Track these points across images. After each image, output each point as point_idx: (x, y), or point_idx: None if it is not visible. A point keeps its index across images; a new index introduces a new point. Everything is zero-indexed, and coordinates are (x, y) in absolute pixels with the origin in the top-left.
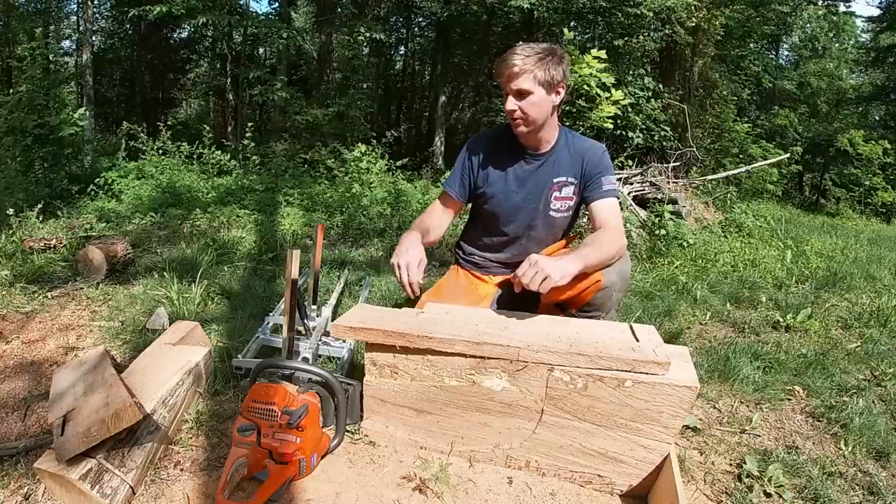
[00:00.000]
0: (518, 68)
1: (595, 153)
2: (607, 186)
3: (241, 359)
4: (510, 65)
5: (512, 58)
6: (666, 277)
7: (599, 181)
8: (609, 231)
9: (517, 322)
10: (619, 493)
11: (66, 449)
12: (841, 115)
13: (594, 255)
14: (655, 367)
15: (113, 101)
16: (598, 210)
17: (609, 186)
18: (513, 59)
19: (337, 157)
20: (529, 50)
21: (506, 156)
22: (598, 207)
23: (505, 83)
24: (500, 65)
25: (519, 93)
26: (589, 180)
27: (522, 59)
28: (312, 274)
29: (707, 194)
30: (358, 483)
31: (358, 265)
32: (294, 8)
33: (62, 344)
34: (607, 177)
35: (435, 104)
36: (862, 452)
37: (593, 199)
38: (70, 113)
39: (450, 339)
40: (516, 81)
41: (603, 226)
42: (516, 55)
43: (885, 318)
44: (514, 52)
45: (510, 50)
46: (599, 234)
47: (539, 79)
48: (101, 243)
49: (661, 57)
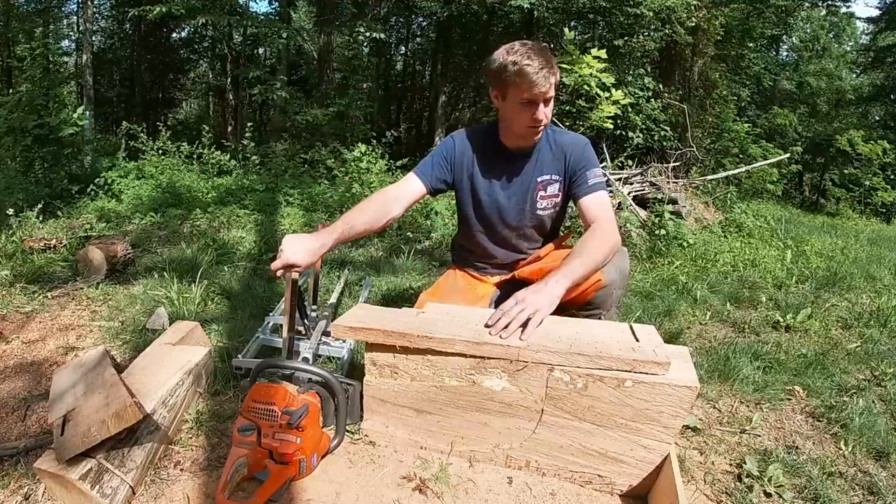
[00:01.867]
0: (554, 78)
1: (577, 147)
2: (593, 181)
3: (241, 359)
4: (545, 76)
5: (539, 67)
6: (666, 277)
7: (585, 176)
8: (598, 232)
9: None
10: (619, 493)
11: (66, 449)
12: (841, 115)
13: (582, 267)
14: (655, 367)
15: (113, 101)
16: (586, 206)
17: (595, 180)
18: (544, 70)
19: (337, 157)
20: (541, 52)
21: (490, 158)
22: (586, 204)
23: (538, 94)
24: (528, 74)
25: (547, 100)
26: (573, 176)
27: (549, 64)
28: (312, 274)
29: (707, 194)
30: (358, 483)
31: (358, 265)
32: (294, 8)
33: (62, 344)
34: (592, 170)
35: (435, 104)
36: (862, 452)
37: (580, 195)
38: (70, 113)
39: (450, 338)
40: (550, 91)
41: (593, 223)
42: (540, 63)
43: (885, 318)
44: (534, 60)
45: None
46: (588, 239)
47: (557, 82)
48: (101, 243)
49: (661, 57)
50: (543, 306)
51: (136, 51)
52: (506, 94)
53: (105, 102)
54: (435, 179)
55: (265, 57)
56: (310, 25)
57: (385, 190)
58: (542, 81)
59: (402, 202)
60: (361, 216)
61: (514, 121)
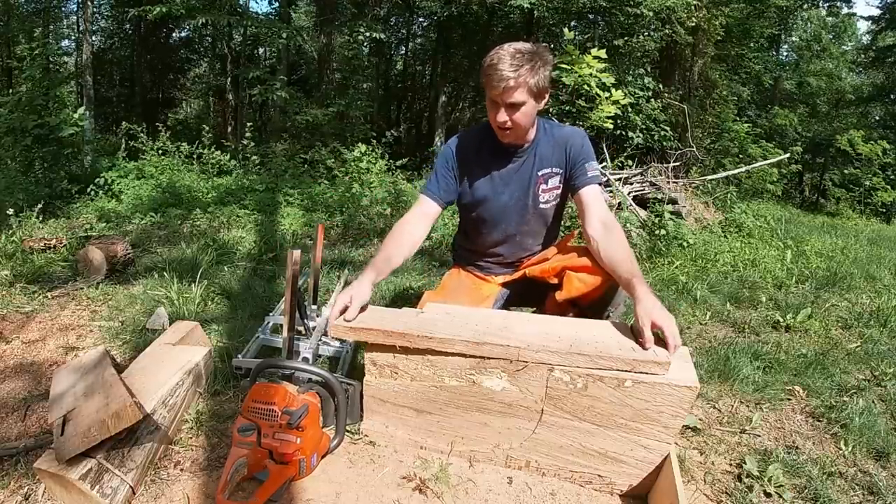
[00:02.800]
0: (514, 82)
1: (577, 139)
2: (591, 173)
3: (241, 359)
4: (504, 78)
5: (504, 70)
6: (666, 277)
7: (584, 167)
8: (616, 231)
9: (517, 322)
10: (619, 493)
11: (66, 449)
12: (841, 115)
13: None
14: (656, 366)
15: (113, 101)
16: (583, 197)
17: (593, 172)
18: (506, 72)
19: (337, 157)
20: (520, 57)
21: (488, 158)
22: (584, 194)
23: (497, 96)
24: (491, 75)
25: (511, 105)
26: (573, 167)
27: (516, 70)
28: (312, 274)
29: (707, 194)
30: (358, 483)
31: (358, 265)
32: (294, 8)
33: (62, 344)
34: (590, 163)
35: (435, 104)
36: (862, 452)
37: (579, 186)
38: (70, 113)
39: (450, 339)
40: (511, 96)
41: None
42: (508, 66)
43: (885, 318)
44: (503, 62)
45: (497, 56)
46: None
47: (531, 89)
48: (101, 243)
49: (661, 57)
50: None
51: (136, 51)
52: (484, 90)
53: (105, 102)
54: (445, 194)
55: (265, 57)
56: (310, 25)
57: (404, 220)
58: (502, 85)
59: (424, 225)
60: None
61: (489, 117)
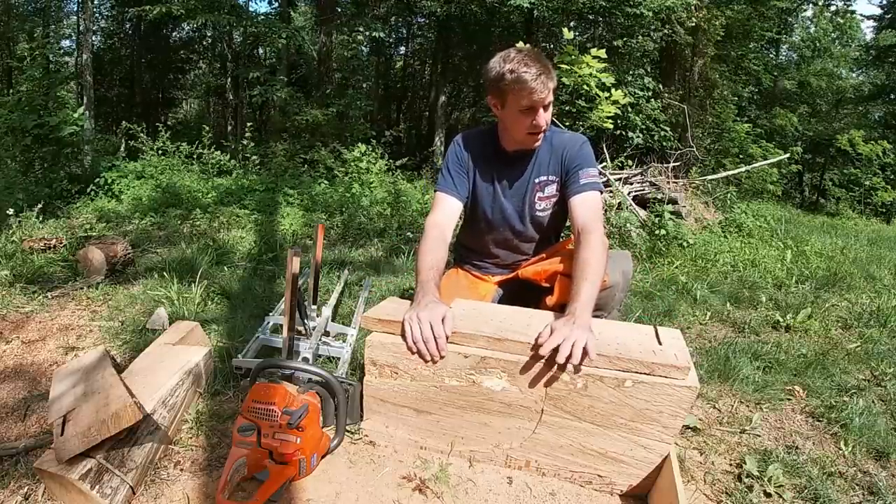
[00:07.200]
0: (552, 83)
1: (574, 145)
2: (584, 180)
3: (241, 359)
4: (542, 81)
5: (538, 73)
6: (666, 277)
7: (577, 175)
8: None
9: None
10: (619, 493)
11: (66, 449)
12: (841, 114)
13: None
14: (675, 371)
15: (113, 101)
16: (571, 205)
17: (587, 180)
18: (542, 76)
19: (337, 157)
20: (536, 58)
21: (491, 161)
22: (572, 203)
23: (537, 101)
24: (527, 81)
25: (546, 107)
26: (567, 175)
27: (545, 70)
28: (312, 274)
29: (707, 194)
30: (358, 483)
31: (358, 265)
32: (294, 8)
33: (62, 344)
34: (586, 169)
35: (435, 104)
36: (862, 452)
37: (570, 195)
38: (70, 113)
39: (472, 334)
40: (549, 96)
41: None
42: (537, 69)
43: (885, 318)
44: (531, 67)
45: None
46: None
47: (555, 87)
48: (101, 243)
49: (661, 57)
50: (590, 339)
51: (136, 51)
52: (505, 102)
53: (105, 102)
54: (462, 188)
55: (265, 57)
56: (310, 25)
57: (433, 223)
58: (540, 88)
59: (452, 223)
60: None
61: (514, 128)
